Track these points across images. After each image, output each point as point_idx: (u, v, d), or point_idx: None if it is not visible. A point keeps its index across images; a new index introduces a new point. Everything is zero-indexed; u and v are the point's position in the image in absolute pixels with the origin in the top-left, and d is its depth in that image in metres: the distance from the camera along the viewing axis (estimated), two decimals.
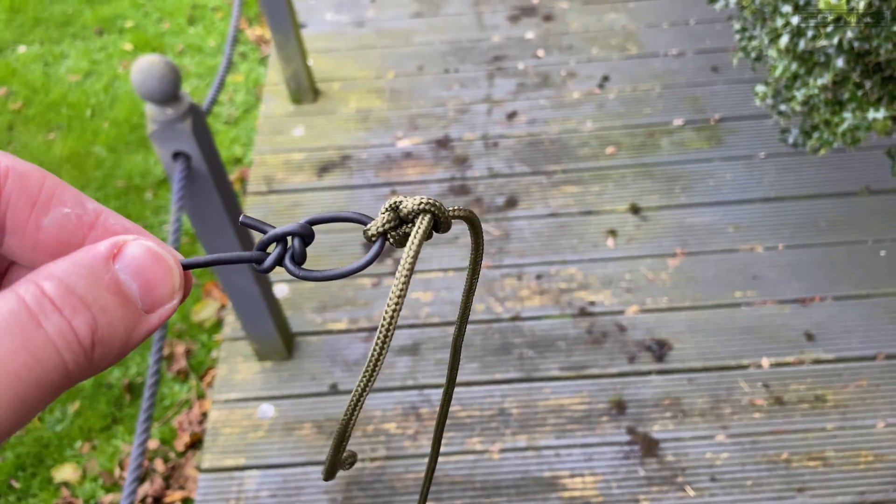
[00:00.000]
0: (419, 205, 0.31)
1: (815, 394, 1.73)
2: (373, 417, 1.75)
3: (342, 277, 0.31)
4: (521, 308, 1.93)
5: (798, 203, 2.10)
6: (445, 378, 0.41)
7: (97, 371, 0.26)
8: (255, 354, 1.85)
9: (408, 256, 0.30)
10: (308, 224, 0.31)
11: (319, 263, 2.00)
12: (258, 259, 0.31)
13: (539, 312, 1.92)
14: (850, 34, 1.26)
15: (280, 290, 1.99)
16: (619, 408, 1.73)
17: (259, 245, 0.31)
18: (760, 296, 1.90)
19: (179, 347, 1.98)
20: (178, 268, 0.28)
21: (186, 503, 1.71)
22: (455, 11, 2.84)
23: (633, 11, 2.75)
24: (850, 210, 2.06)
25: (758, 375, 1.76)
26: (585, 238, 2.06)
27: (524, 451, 1.69)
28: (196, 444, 1.80)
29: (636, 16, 2.73)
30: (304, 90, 2.49)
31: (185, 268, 0.29)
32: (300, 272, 0.31)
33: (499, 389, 1.79)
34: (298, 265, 0.31)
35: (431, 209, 0.31)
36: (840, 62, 1.32)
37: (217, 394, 1.81)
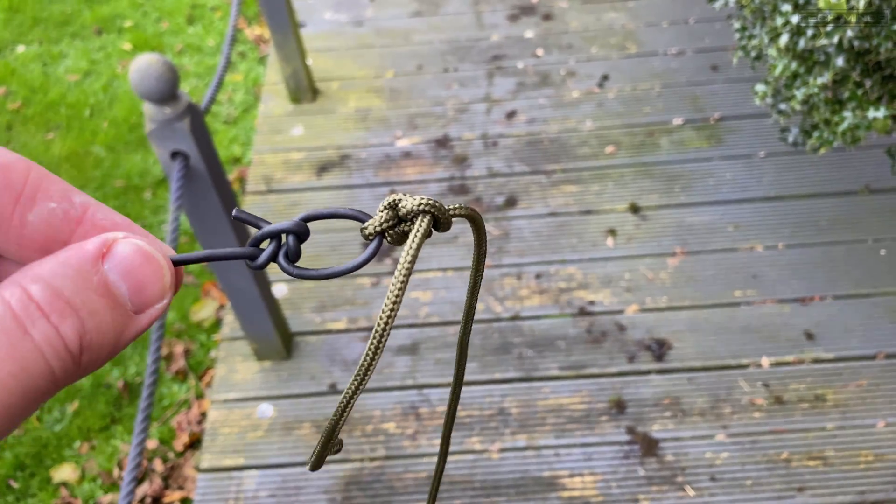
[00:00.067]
0: (419, 205, 0.30)
1: (815, 393, 1.72)
2: (372, 417, 1.75)
3: (338, 276, 0.30)
4: (521, 307, 1.92)
5: (798, 202, 2.09)
6: (453, 378, 0.40)
7: (85, 374, 0.25)
8: (254, 354, 1.84)
9: (406, 258, 0.29)
10: (303, 220, 0.30)
11: (318, 262, 1.99)
12: (251, 255, 0.30)
13: (538, 312, 1.91)
14: (850, 33, 1.26)
15: (279, 290, 1.99)
16: (619, 407, 1.73)
17: (252, 241, 0.30)
18: (760, 295, 1.90)
19: (178, 347, 1.97)
20: (169, 265, 0.27)
21: (185, 503, 1.71)
22: (454, 10, 2.84)
23: (633, 10, 2.75)
24: (850, 209, 2.06)
25: (758, 375, 1.76)
26: (585, 237, 2.06)
27: (524, 451, 1.68)
28: (195, 444, 1.80)
29: (636, 15, 2.73)
30: (303, 89, 2.48)
31: (176, 264, 0.28)
32: (294, 270, 0.30)
33: (498, 389, 1.78)
34: (292, 262, 0.30)
35: (431, 210, 0.30)
36: (840, 61, 1.32)
37: (216, 394, 1.81)
